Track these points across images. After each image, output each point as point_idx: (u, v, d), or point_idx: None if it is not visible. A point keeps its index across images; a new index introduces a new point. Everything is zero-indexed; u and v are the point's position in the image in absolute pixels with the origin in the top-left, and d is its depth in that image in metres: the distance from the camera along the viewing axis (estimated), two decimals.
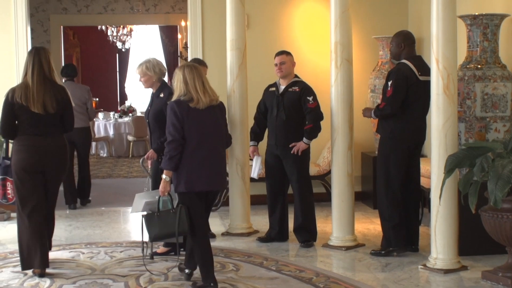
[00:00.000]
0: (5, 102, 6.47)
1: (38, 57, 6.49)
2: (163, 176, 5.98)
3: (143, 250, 6.19)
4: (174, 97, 5.96)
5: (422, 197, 7.89)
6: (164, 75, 7.24)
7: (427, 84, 6.92)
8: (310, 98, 7.46)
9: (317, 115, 7.48)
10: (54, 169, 6.55)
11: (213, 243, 7.63)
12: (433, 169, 6.49)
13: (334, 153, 7.43)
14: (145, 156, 7.26)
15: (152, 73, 7.08)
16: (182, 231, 5.91)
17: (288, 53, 7.64)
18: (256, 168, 7.76)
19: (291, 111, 7.50)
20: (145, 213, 6.07)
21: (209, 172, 5.94)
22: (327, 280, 6.20)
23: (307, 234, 7.59)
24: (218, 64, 9.21)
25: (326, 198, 8.84)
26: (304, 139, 7.44)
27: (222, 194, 9.57)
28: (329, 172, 8.88)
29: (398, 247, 6.99)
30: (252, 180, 8.19)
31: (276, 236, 7.75)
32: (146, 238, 6.11)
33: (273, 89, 7.68)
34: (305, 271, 6.51)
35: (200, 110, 5.90)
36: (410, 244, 7.10)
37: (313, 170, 9.49)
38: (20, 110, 6.40)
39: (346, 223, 7.41)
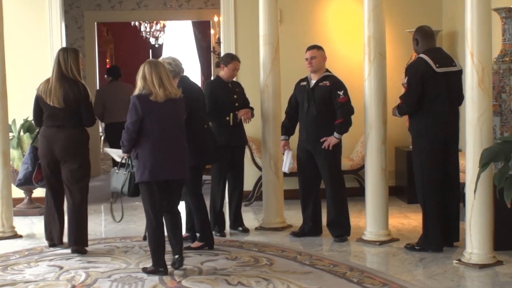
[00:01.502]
0: (35, 95, 7.25)
1: (57, 56, 7.23)
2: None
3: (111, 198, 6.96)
4: (136, 92, 6.30)
5: (460, 193, 7.82)
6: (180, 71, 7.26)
7: (450, 75, 6.85)
8: (341, 93, 7.43)
9: (348, 110, 7.45)
10: (62, 158, 7.14)
11: (247, 238, 7.69)
12: (468, 163, 6.43)
13: (367, 148, 7.41)
14: None
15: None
16: (125, 191, 6.49)
17: (319, 48, 7.62)
18: (287, 162, 7.77)
19: (321, 105, 7.48)
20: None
21: (173, 162, 6.28)
22: (361, 275, 6.19)
23: (341, 229, 7.57)
24: (251, 59, 9.21)
25: (359, 193, 8.81)
26: (335, 134, 7.42)
27: (256, 188, 9.61)
28: (362, 167, 8.86)
29: (434, 244, 6.94)
30: (286, 174, 8.18)
31: (310, 231, 7.74)
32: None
33: (304, 83, 7.67)
34: (339, 266, 6.50)
35: (160, 103, 6.22)
36: (447, 241, 7.04)
37: (346, 164, 9.48)
38: (41, 102, 7.16)
39: (380, 217, 7.39)
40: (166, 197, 6.37)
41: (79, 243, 7.13)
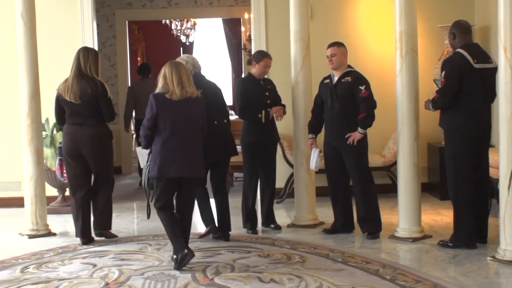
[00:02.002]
0: (56, 94, 7.54)
1: (77, 55, 7.52)
2: None
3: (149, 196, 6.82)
4: (156, 91, 6.51)
5: (491, 188, 7.76)
6: (196, 69, 7.43)
7: (486, 71, 6.78)
8: (362, 87, 7.41)
9: (370, 104, 7.43)
10: (88, 155, 7.47)
11: (279, 235, 7.69)
12: (502, 159, 6.37)
13: (400, 144, 7.37)
14: None
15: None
16: (152, 184, 6.64)
17: (339, 44, 7.60)
18: (313, 160, 7.77)
19: (344, 101, 7.48)
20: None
21: (182, 160, 6.43)
22: (394, 272, 6.15)
23: (371, 225, 7.53)
24: (282, 55, 9.20)
25: (391, 189, 8.75)
26: (359, 129, 7.40)
27: (287, 185, 9.60)
28: (394, 163, 8.81)
29: (466, 240, 6.88)
30: (317, 171, 8.16)
31: (341, 228, 7.72)
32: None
33: (328, 81, 7.68)
34: (371, 263, 6.47)
35: (175, 101, 6.41)
36: (480, 237, 6.98)
37: (378, 161, 9.46)
38: (61, 100, 7.46)
39: (412, 214, 7.34)
40: (179, 193, 6.64)
41: (106, 227, 7.71)
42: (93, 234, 7.63)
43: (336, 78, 7.59)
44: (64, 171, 7.97)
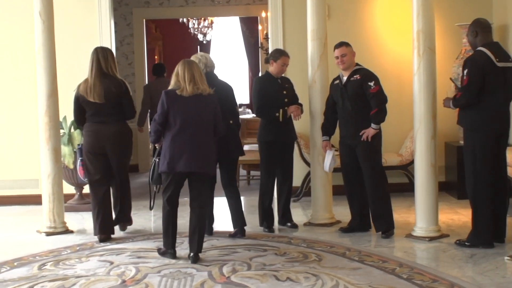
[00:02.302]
0: (74, 95, 7.60)
1: (96, 55, 7.58)
2: None
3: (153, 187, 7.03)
4: (169, 88, 6.66)
5: (509, 188, 7.72)
6: (207, 68, 7.48)
7: (507, 70, 6.76)
8: (371, 83, 7.40)
9: (381, 99, 7.42)
10: (113, 152, 7.58)
11: (296, 233, 7.69)
12: None
13: (417, 143, 7.34)
14: None
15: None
16: (156, 179, 6.81)
17: (347, 44, 7.60)
18: (327, 161, 7.77)
19: (355, 100, 7.48)
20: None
21: (189, 156, 6.54)
22: (411, 271, 6.13)
23: (384, 223, 7.50)
24: (299, 54, 9.20)
25: (409, 188, 8.75)
26: (372, 125, 7.40)
27: (304, 183, 9.60)
28: (411, 162, 8.78)
29: (484, 239, 6.84)
30: (334, 170, 8.14)
31: (358, 226, 7.71)
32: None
33: (337, 81, 7.69)
34: (388, 262, 6.45)
35: (185, 97, 6.55)
36: (497, 237, 6.94)
37: (395, 160, 9.44)
38: (83, 101, 7.49)
39: (429, 213, 7.32)
40: (190, 190, 6.76)
41: (126, 221, 7.99)
42: (114, 234, 7.70)
43: (345, 78, 7.59)
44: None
